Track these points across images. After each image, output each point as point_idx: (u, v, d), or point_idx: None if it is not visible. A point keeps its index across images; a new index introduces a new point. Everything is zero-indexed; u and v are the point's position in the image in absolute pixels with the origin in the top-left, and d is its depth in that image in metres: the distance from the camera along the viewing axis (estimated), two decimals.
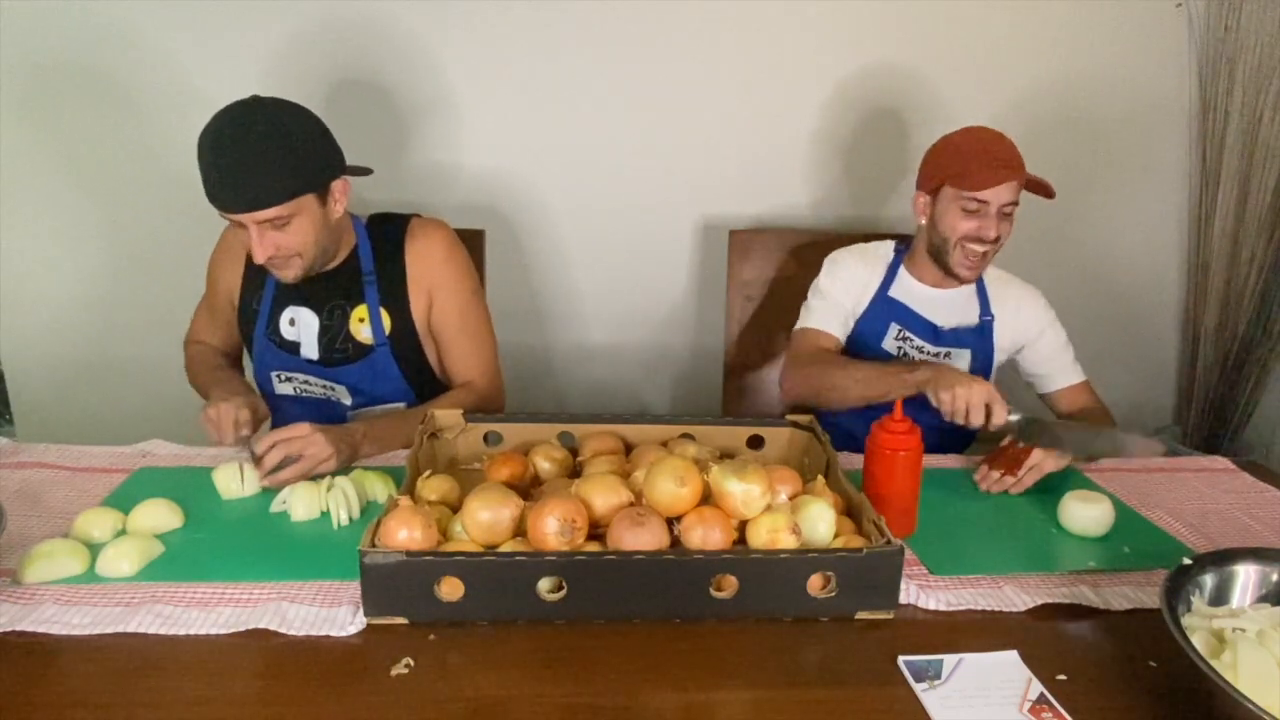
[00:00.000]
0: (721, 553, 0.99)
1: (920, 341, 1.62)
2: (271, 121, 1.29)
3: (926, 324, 1.62)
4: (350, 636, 0.96)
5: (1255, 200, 2.23)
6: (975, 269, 1.55)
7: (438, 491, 1.15)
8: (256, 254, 1.33)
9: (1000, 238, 1.52)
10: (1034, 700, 0.89)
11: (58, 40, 1.94)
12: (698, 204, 2.20)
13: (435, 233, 1.52)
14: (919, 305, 1.63)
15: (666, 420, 1.33)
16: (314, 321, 1.49)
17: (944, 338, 1.62)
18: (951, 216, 1.52)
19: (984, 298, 1.64)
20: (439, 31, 2.01)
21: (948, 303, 1.63)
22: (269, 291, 1.50)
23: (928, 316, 1.62)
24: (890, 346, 1.63)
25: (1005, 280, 1.66)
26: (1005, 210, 1.50)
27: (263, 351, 1.52)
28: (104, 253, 2.09)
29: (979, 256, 1.53)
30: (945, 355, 1.62)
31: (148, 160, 2.03)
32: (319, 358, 1.49)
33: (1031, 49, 2.14)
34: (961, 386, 1.30)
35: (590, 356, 2.30)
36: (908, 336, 1.62)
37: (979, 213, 1.50)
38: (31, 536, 1.11)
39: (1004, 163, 1.48)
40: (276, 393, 1.53)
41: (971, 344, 1.62)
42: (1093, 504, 1.23)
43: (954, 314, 1.63)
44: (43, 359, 2.14)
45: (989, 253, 1.53)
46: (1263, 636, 0.87)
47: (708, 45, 2.08)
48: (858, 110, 2.16)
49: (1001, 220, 1.51)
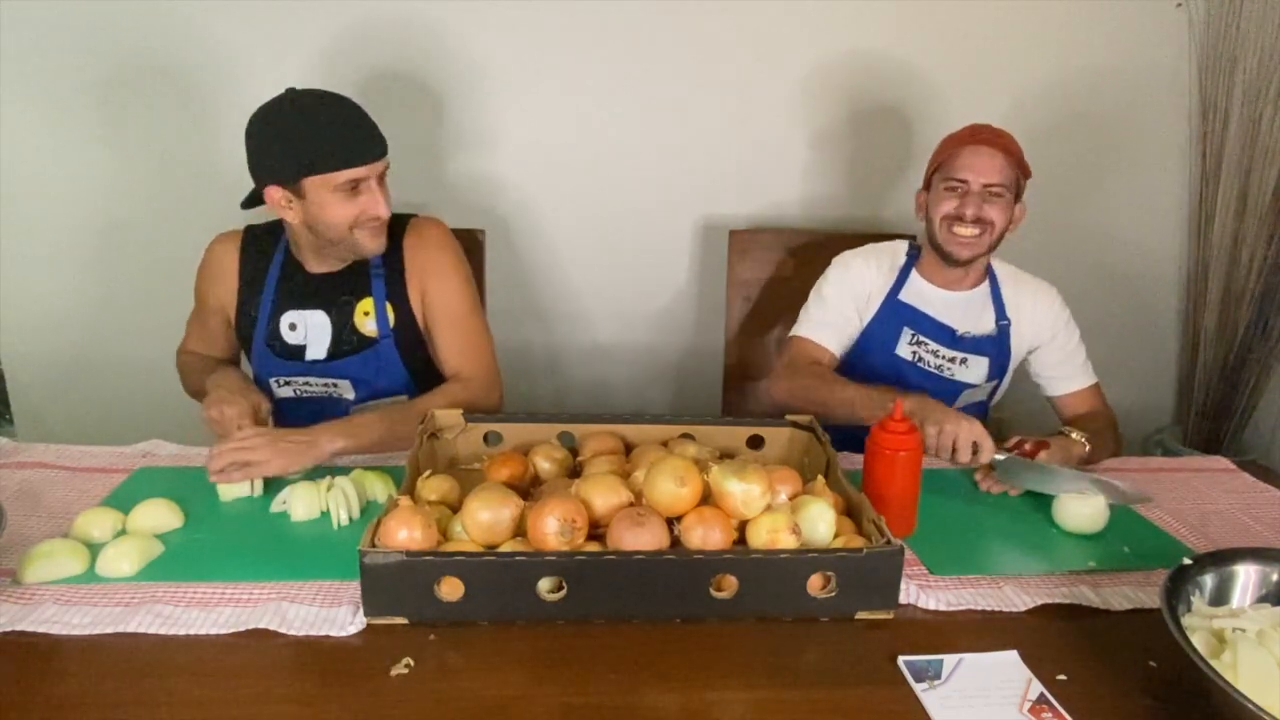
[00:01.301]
0: (721, 553, 0.99)
1: (936, 345, 1.60)
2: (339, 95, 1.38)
3: (941, 328, 1.60)
4: (350, 636, 0.96)
5: (1255, 200, 2.23)
6: (967, 248, 1.52)
7: (438, 491, 1.15)
8: (385, 208, 1.40)
9: (990, 221, 1.50)
10: (1034, 700, 0.89)
11: (61, 37, 1.94)
12: (697, 204, 2.20)
13: (430, 229, 1.55)
14: (932, 308, 1.61)
15: (666, 420, 1.33)
16: (324, 321, 1.49)
17: (961, 343, 1.60)
18: (936, 200, 1.54)
19: (999, 300, 1.62)
20: (437, 33, 2.01)
21: (962, 305, 1.61)
22: (267, 298, 1.50)
23: (942, 320, 1.60)
24: (905, 352, 1.61)
25: (1019, 279, 1.64)
26: (991, 190, 1.49)
27: (262, 359, 1.52)
28: (104, 253, 2.09)
29: (966, 238, 1.51)
30: (962, 361, 1.60)
31: (150, 160, 2.03)
32: (326, 356, 1.50)
33: (1032, 49, 2.14)
34: (950, 424, 1.28)
35: (590, 356, 2.30)
36: (922, 341, 1.60)
37: (958, 190, 1.50)
38: (31, 536, 1.11)
39: (983, 140, 1.49)
40: (277, 396, 1.53)
41: (989, 350, 1.60)
42: (1087, 502, 1.23)
43: (969, 317, 1.61)
44: (43, 359, 2.14)
45: (981, 237, 1.51)
46: (1263, 636, 0.87)
47: (707, 45, 2.08)
48: (857, 110, 2.16)
49: (987, 202, 1.49)
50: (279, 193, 1.37)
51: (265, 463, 1.23)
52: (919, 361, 1.61)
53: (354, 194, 1.36)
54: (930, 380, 1.60)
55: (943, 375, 1.61)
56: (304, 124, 1.33)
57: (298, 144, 1.33)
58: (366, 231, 1.40)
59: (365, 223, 1.39)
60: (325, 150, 1.33)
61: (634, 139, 2.13)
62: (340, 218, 1.37)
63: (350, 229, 1.39)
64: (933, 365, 1.61)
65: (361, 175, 1.36)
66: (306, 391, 1.52)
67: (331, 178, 1.34)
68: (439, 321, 1.52)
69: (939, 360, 1.60)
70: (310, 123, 1.33)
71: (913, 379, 1.60)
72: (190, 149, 2.02)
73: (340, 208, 1.36)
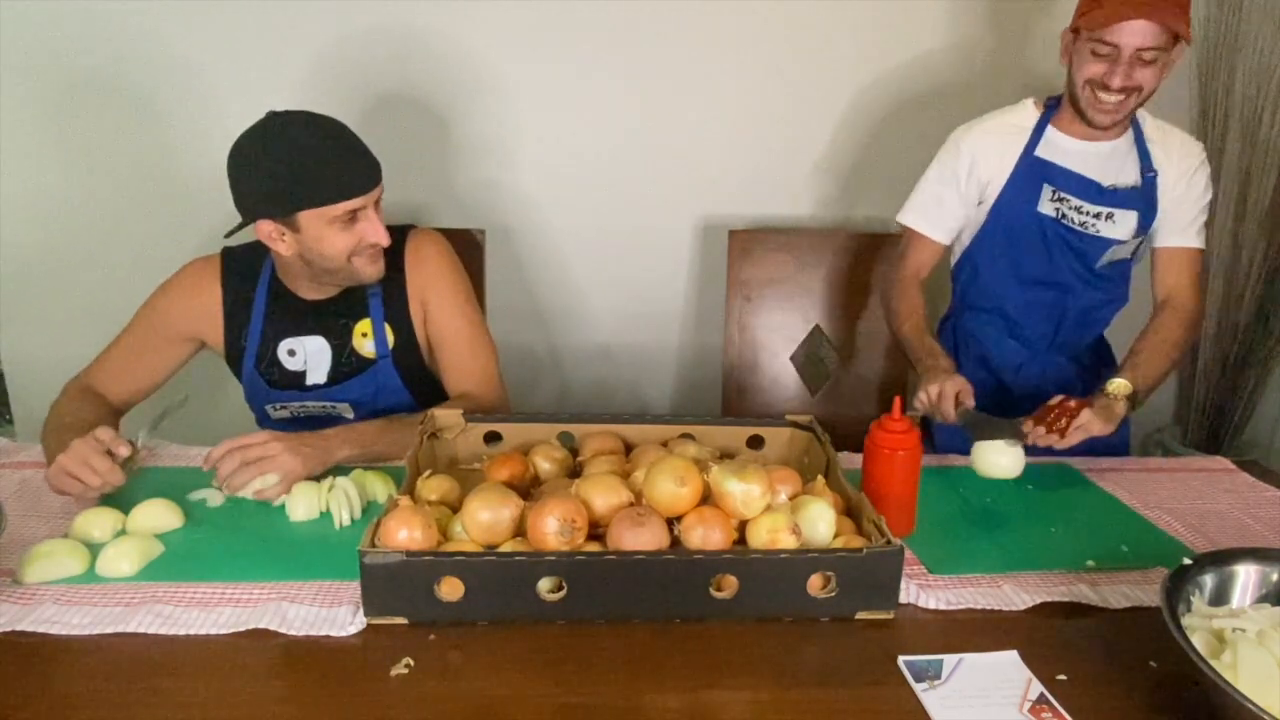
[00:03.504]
0: (721, 553, 0.99)
1: (1079, 201, 1.52)
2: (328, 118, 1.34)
3: (1085, 181, 1.52)
4: (350, 636, 0.96)
5: (1255, 201, 2.23)
6: (1108, 115, 1.43)
7: (438, 491, 1.14)
8: (384, 235, 1.36)
9: (1138, 88, 1.40)
10: (1034, 700, 0.89)
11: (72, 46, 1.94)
12: (698, 204, 2.20)
13: (429, 244, 1.51)
14: (1072, 162, 1.52)
15: (666, 420, 1.33)
16: (324, 347, 1.47)
17: (1107, 196, 1.52)
18: (1081, 59, 1.42)
19: (1144, 150, 1.51)
20: (437, 33, 2.01)
21: (1105, 156, 1.51)
22: (255, 326, 1.47)
23: (1084, 173, 1.52)
24: (1048, 210, 1.53)
25: (1165, 130, 1.54)
26: (1143, 56, 1.37)
27: (254, 386, 1.49)
28: (105, 253, 2.09)
29: (1110, 105, 1.42)
30: (1108, 216, 1.52)
31: (151, 166, 2.03)
32: (326, 380, 1.48)
33: (1032, 48, 2.14)
34: (934, 384, 1.38)
35: (590, 356, 2.30)
36: (1064, 198, 1.53)
37: (1108, 56, 1.38)
38: (31, 536, 1.11)
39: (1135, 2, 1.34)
40: (273, 419, 1.51)
41: (1137, 204, 1.52)
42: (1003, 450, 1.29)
43: (1112, 169, 1.52)
44: (43, 359, 2.14)
45: (1126, 103, 1.42)
46: (1263, 636, 0.87)
47: (708, 45, 2.08)
48: (857, 110, 2.16)
49: (1136, 67, 1.38)
50: (270, 226, 1.32)
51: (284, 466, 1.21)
52: (1062, 219, 1.54)
53: (351, 223, 1.33)
54: (1073, 237, 1.54)
55: (1086, 232, 1.54)
56: (295, 154, 1.27)
57: (290, 177, 1.27)
58: (365, 259, 1.37)
59: (364, 250, 1.36)
60: (320, 182, 1.28)
61: (634, 139, 2.13)
62: (338, 249, 1.34)
63: (349, 258, 1.36)
64: (1076, 222, 1.54)
65: (359, 205, 1.32)
66: (304, 413, 1.50)
67: (328, 210, 1.30)
68: (442, 339, 1.50)
69: (1083, 217, 1.53)
70: (302, 153, 1.27)
71: (1056, 238, 1.55)
72: (200, 158, 2.02)
73: (338, 238, 1.33)
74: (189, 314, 1.47)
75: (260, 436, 1.23)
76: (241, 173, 1.30)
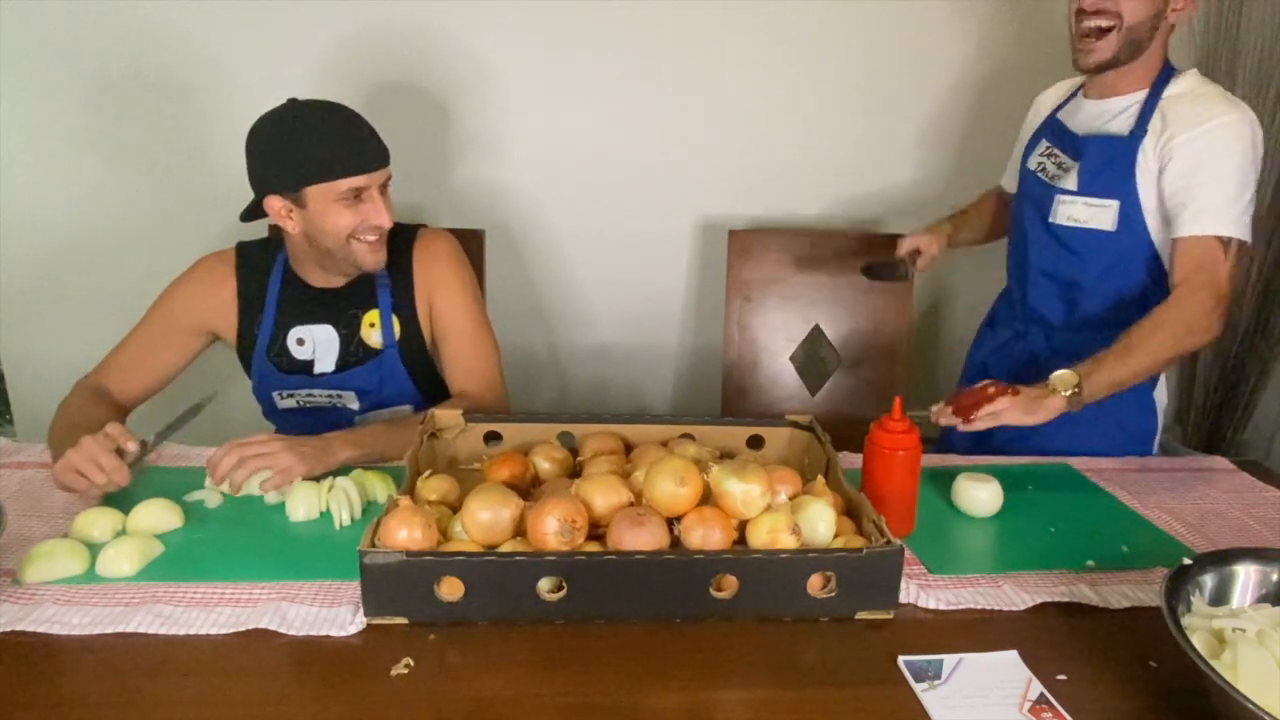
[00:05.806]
0: (721, 553, 0.99)
1: (1062, 157, 1.51)
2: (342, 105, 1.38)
3: (1065, 132, 1.52)
4: (350, 636, 0.96)
5: (1255, 200, 2.23)
6: (1089, 53, 1.38)
7: (438, 491, 1.15)
8: (387, 217, 1.38)
9: (1117, 15, 1.33)
10: (1034, 700, 0.89)
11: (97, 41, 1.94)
12: (697, 204, 2.20)
13: (440, 243, 1.54)
14: (1072, 118, 1.53)
15: (666, 420, 1.33)
16: (332, 336, 1.49)
17: (1079, 145, 1.47)
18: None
19: (1149, 109, 1.40)
20: (438, 33, 2.01)
21: (1101, 112, 1.47)
22: (269, 316, 1.49)
23: (1072, 127, 1.51)
24: (1033, 164, 1.57)
25: (1197, 97, 1.38)
26: None
27: (263, 375, 1.51)
28: (105, 253, 2.09)
29: (1088, 32, 1.36)
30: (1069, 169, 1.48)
31: (152, 163, 2.03)
32: (334, 369, 1.49)
33: (1031, 48, 2.14)
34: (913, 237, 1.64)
35: (590, 356, 2.30)
36: (1053, 152, 1.53)
37: None
38: (31, 536, 1.11)
39: None
40: (279, 408, 1.53)
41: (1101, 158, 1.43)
42: (982, 485, 1.25)
43: (1099, 122, 1.47)
44: (43, 359, 2.14)
45: (1107, 37, 1.35)
46: (1263, 636, 0.87)
47: (708, 45, 2.08)
48: (856, 110, 2.16)
49: None
50: (280, 202, 1.36)
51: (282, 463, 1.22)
52: (1040, 170, 1.55)
53: (356, 202, 1.36)
54: (1038, 186, 1.53)
55: (1045, 180, 1.52)
56: (306, 133, 1.33)
57: (299, 153, 1.32)
58: (365, 244, 1.39)
59: (365, 232, 1.38)
60: (327, 159, 1.33)
61: (634, 139, 2.13)
62: (341, 226, 1.36)
63: (349, 239, 1.38)
64: (1049, 175, 1.52)
65: (363, 184, 1.35)
66: (310, 402, 1.52)
67: (334, 186, 1.33)
68: (446, 336, 1.52)
69: (1056, 171, 1.51)
70: (312, 132, 1.33)
71: (1028, 191, 1.58)
72: (196, 158, 2.02)
73: (341, 216, 1.36)
74: (204, 306, 1.50)
75: (261, 437, 1.25)
76: (255, 151, 1.36)
